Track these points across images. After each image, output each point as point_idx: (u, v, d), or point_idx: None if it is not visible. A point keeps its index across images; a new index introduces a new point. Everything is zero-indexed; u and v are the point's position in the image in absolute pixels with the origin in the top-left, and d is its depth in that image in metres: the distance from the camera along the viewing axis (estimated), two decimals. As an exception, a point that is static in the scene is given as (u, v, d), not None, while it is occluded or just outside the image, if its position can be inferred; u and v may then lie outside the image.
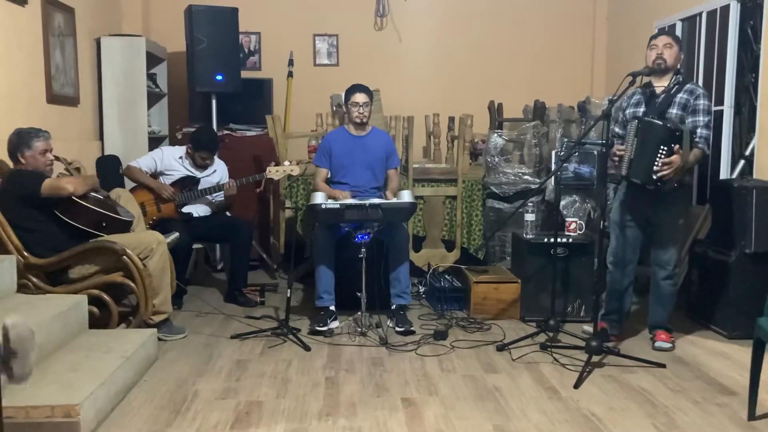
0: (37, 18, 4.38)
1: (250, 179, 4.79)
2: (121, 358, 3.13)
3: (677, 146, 3.49)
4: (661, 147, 3.51)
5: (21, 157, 3.60)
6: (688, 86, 3.71)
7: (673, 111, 3.68)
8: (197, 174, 4.78)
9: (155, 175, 4.73)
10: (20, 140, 3.61)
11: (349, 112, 4.43)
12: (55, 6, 4.61)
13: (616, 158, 3.72)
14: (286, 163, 4.79)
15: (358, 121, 4.39)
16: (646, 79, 3.80)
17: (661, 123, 3.55)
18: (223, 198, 4.80)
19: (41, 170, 3.63)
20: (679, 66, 3.78)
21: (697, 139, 3.62)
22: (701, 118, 3.65)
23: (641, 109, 3.77)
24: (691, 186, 4.07)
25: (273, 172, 4.66)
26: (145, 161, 4.74)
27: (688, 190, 3.91)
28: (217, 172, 4.90)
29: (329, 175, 4.57)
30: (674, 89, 3.71)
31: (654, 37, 3.79)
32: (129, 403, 3.03)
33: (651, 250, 3.92)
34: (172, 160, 4.78)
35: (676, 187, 3.62)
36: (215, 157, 4.97)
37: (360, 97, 4.35)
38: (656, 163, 3.52)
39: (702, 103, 3.66)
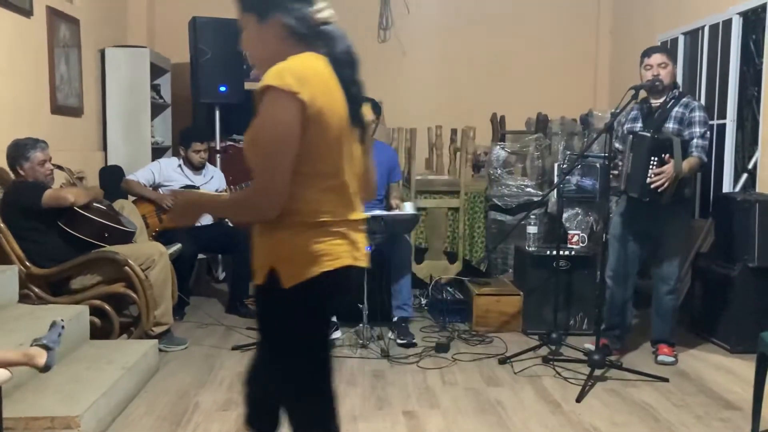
0: (42, 29, 4.40)
1: (249, 184, 4.79)
2: (122, 369, 3.12)
3: (667, 155, 3.50)
4: (652, 158, 3.54)
5: (20, 169, 3.60)
6: (684, 100, 3.73)
7: (670, 125, 3.69)
8: (196, 182, 4.80)
9: (154, 187, 4.74)
10: (18, 152, 3.61)
11: None
12: (61, 17, 4.64)
13: (616, 171, 3.73)
14: None
15: None
16: (643, 94, 3.81)
17: (648, 134, 3.59)
18: None
19: (41, 180, 3.63)
20: (675, 80, 3.79)
21: (692, 149, 3.63)
22: (697, 129, 3.66)
23: (638, 125, 3.80)
24: (692, 200, 4.07)
25: None
26: (143, 174, 4.75)
27: (689, 204, 3.91)
28: (215, 178, 4.93)
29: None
30: (670, 103, 3.72)
31: (647, 54, 3.76)
32: (130, 415, 3.02)
33: (652, 265, 3.91)
34: (171, 171, 4.80)
35: (675, 200, 3.62)
36: (211, 165, 5.01)
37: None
38: (649, 174, 3.53)
39: (697, 114, 3.67)
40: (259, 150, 1.66)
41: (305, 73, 1.66)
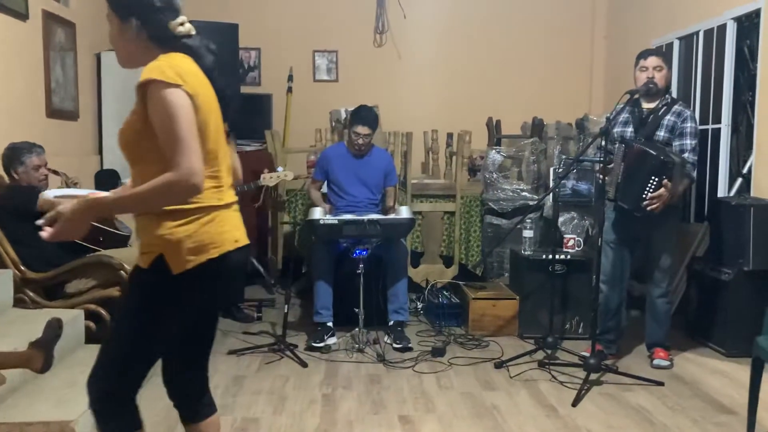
0: (37, 33, 4.40)
1: (245, 187, 4.80)
2: (117, 373, 3.11)
3: (666, 180, 3.49)
4: (652, 178, 3.51)
5: (14, 173, 3.61)
6: (675, 108, 3.71)
7: (661, 133, 3.69)
8: None
9: None
10: (13, 156, 3.61)
11: (351, 136, 4.42)
12: (56, 21, 4.64)
13: (608, 179, 3.71)
14: (280, 169, 4.82)
15: (356, 149, 4.39)
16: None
17: (655, 153, 3.54)
18: None
19: (35, 185, 3.62)
20: (669, 85, 3.79)
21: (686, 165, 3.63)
22: (688, 142, 3.65)
23: (629, 130, 3.79)
24: (680, 204, 4.07)
25: (267, 179, 4.71)
26: None
27: (677, 209, 3.91)
28: None
29: (325, 189, 4.61)
30: (662, 110, 3.72)
31: (643, 56, 3.75)
32: (124, 420, 3.00)
33: (645, 269, 3.92)
34: None
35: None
36: None
37: (363, 130, 4.33)
38: (645, 193, 3.52)
39: (689, 126, 3.66)
40: (171, 136, 1.69)
41: (182, 70, 1.76)
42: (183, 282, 1.81)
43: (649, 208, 3.53)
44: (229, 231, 1.90)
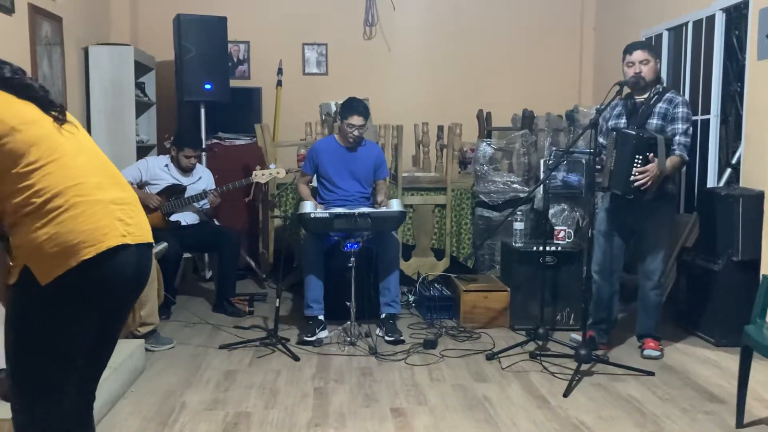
0: (24, 27, 4.35)
1: (236, 184, 4.79)
2: (108, 369, 3.07)
3: (651, 154, 3.52)
4: (637, 156, 3.54)
5: None
6: (667, 95, 3.73)
7: (653, 121, 3.71)
8: (183, 182, 4.77)
9: (140, 185, 4.72)
10: None
11: (344, 129, 4.40)
12: (43, 15, 4.59)
13: (599, 167, 3.74)
14: (272, 166, 4.81)
15: (351, 141, 4.38)
16: (627, 89, 3.82)
17: (634, 133, 3.58)
18: (209, 206, 4.83)
19: None
20: (659, 75, 3.81)
21: (675, 147, 3.65)
22: (680, 126, 3.67)
23: (622, 121, 3.81)
24: (676, 195, 4.09)
25: (259, 176, 4.70)
26: (130, 172, 4.71)
27: (672, 200, 3.93)
28: (203, 179, 4.90)
29: (314, 182, 4.60)
30: (654, 99, 3.73)
31: (628, 51, 3.77)
32: (116, 415, 3.00)
33: (637, 260, 3.94)
34: (158, 170, 4.77)
35: (658, 196, 3.64)
36: (200, 165, 5.00)
37: (357, 120, 4.31)
38: (633, 172, 3.54)
39: (681, 111, 3.68)
40: None
41: None
42: (54, 293, 1.64)
43: (636, 184, 3.54)
44: (109, 226, 1.71)
